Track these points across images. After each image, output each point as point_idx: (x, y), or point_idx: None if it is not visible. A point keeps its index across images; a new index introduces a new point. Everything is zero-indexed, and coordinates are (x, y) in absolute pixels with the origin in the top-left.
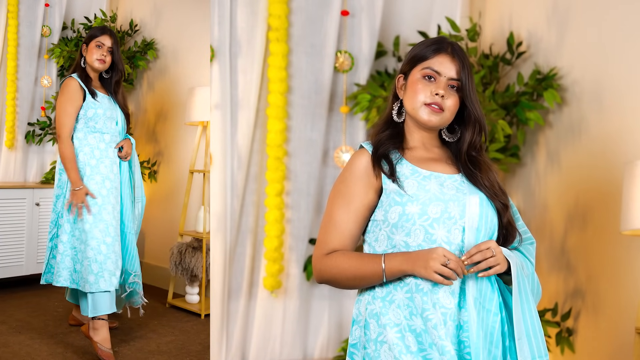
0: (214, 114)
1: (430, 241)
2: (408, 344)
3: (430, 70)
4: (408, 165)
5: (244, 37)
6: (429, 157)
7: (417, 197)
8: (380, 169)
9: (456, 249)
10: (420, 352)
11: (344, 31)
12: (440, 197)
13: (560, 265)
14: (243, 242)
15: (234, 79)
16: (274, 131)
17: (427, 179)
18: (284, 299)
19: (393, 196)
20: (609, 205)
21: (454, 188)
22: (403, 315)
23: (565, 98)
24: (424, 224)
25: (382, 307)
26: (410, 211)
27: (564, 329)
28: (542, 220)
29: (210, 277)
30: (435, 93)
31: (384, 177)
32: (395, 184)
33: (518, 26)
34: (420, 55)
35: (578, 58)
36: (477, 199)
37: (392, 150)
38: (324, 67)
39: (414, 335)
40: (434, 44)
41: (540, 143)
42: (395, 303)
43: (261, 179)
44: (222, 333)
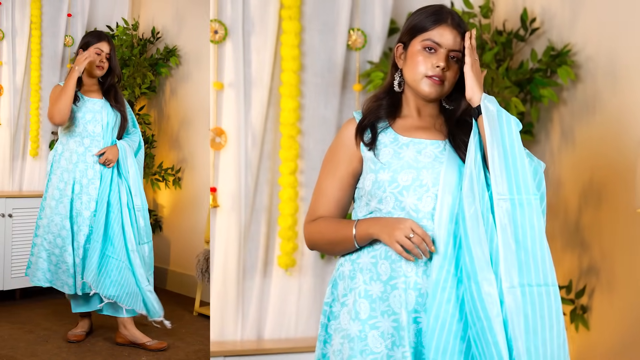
0: (227, 93)
1: (400, 208)
2: (358, 310)
3: (430, 42)
4: (391, 133)
5: (257, 15)
6: (418, 125)
7: (390, 164)
8: (360, 138)
9: (425, 217)
10: (370, 319)
11: (357, 9)
12: (413, 165)
13: (575, 242)
14: (257, 221)
15: (247, 58)
16: (287, 109)
17: (404, 146)
18: (298, 277)
19: (369, 164)
20: (624, 182)
21: (432, 155)
22: (363, 279)
23: (579, 75)
24: (394, 191)
25: (350, 270)
26: (381, 178)
27: (578, 306)
28: (556, 198)
29: (224, 256)
30: (437, 65)
31: (362, 146)
32: (371, 152)
33: (532, 2)
34: (420, 26)
35: (592, 34)
36: (456, 166)
37: (382, 119)
38: (337, 45)
39: (368, 301)
40: (434, 14)
41: (554, 120)
42: (361, 266)
43: (275, 157)
44: (238, 311)
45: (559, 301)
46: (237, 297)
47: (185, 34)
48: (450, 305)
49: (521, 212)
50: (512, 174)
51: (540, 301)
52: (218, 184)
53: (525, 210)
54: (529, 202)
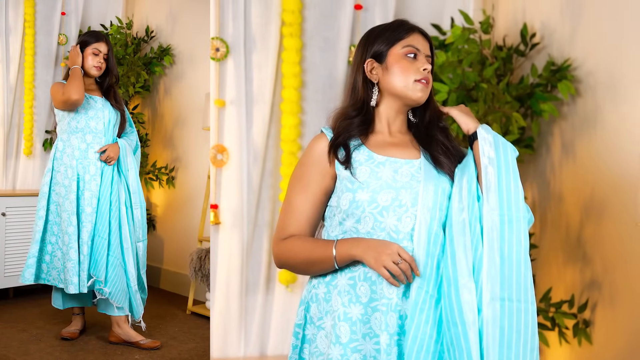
0: (229, 110)
1: (380, 229)
2: (339, 334)
3: (412, 48)
4: (365, 151)
5: (258, 32)
6: (390, 142)
7: (368, 184)
8: (335, 156)
9: (405, 237)
10: (351, 342)
11: (357, 25)
12: (392, 185)
13: (577, 256)
14: (260, 237)
15: (248, 75)
16: (288, 126)
17: (381, 165)
18: (300, 293)
19: (345, 183)
20: (625, 196)
21: (408, 175)
22: (341, 302)
23: (580, 89)
24: (374, 212)
25: (325, 293)
26: (360, 198)
27: (580, 320)
28: (557, 212)
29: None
30: (424, 68)
31: (337, 163)
32: (348, 171)
33: (531, 17)
34: (394, 37)
35: (592, 49)
36: (432, 185)
37: (354, 137)
38: (338, 61)
39: (348, 324)
40: (402, 24)
41: (555, 134)
42: (338, 289)
43: (276, 173)
44: (241, 327)
45: (535, 319)
46: (240, 313)
47: (180, 33)
48: (428, 326)
49: (509, 229)
50: (504, 192)
51: (518, 317)
52: (220, 201)
53: (513, 227)
54: (518, 220)
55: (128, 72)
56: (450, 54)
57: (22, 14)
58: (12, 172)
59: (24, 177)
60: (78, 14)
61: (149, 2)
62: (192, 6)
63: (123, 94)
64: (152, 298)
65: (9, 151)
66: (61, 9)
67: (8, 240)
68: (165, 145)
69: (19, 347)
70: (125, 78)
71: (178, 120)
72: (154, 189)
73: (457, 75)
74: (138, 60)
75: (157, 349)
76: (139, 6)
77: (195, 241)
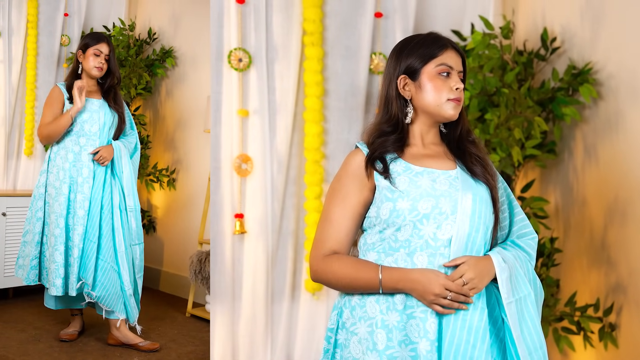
0: (252, 120)
1: (418, 236)
2: (376, 341)
3: (445, 67)
4: (402, 163)
5: (280, 42)
6: (425, 154)
7: (408, 192)
8: (373, 167)
9: (443, 245)
10: (387, 349)
11: (378, 33)
12: (432, 193)
13: (601, 260)
14: (285, 246)
15: (271, 85)
16: (311, 134)
17: (419, 175)
18: (326, 301)
19: (385, 193)
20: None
21: (447, 184)
22: (379, 309)
23: (601, 92)
24: (414, 220)
25: (359, 299)
26: (400, 207)
27: (606, 324)
28: (581, 216)
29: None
30: (456, 87)
31: (376, 174)
32: (387, 181)
33: (551, 22)
34: (428, 54)
35: (613, 52)
36: (471, 194)
37: (389, 153)
38: (359, 69)
39: (385, 331)
40: (436, 40)
41: (577, 138)
42: (374, 296)
43: (300, 182)
44: (267, 335)
45: None
46: (266, 321)
47: (182, 35)
48: (464, 332)
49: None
50: None
51: None
52: (245, 210)
53: None
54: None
55: (130, 73)
56: (471, 60)
57: (24, 15)
58: (13, 172)
59: (24, 177)
60: (81, 15)
61: (151, 4)
62: (195, 8)
63: (125, 96)
64: (151, 300)
65: (10, 151)
66: (64, 10)
67: (8, 240)
68: (166, 147)
69: (17, 348)
70: (127, 80)
71: (179, 122)
72: (154, 191)
73: (478, 81)
74: (140, 62)
75: (156, 351)
76: (142, 8)
77: (195, 243)
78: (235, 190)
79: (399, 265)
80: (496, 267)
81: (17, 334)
